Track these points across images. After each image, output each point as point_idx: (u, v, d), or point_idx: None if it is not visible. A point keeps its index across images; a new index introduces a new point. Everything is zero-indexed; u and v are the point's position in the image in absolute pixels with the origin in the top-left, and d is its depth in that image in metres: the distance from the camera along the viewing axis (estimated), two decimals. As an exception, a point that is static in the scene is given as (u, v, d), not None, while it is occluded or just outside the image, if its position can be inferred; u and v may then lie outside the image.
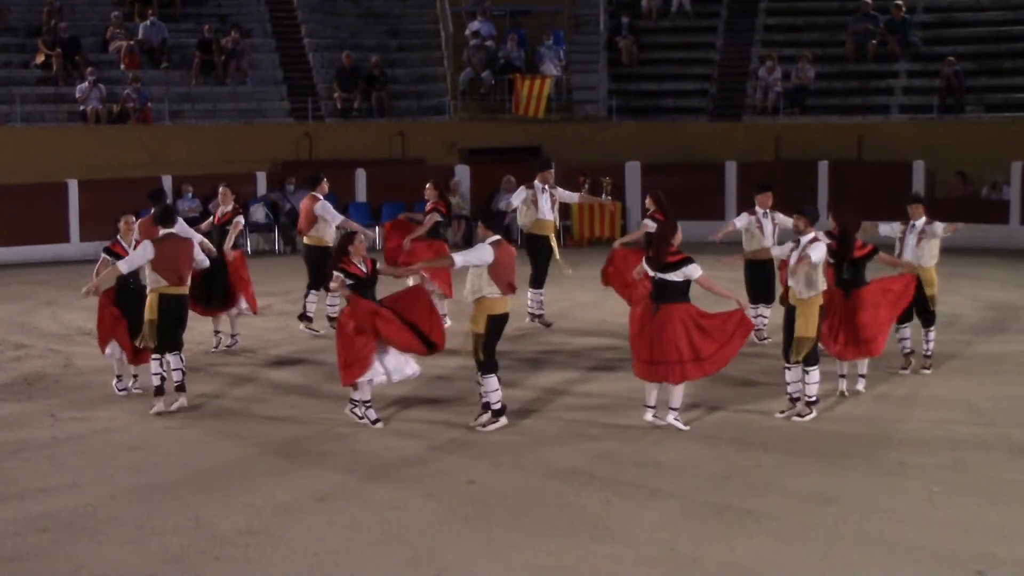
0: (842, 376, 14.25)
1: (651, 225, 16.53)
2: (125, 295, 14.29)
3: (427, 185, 18.59)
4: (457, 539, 9.95)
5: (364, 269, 13.11)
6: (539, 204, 18.21)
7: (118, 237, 14.57)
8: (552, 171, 18.72)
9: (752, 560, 9.44)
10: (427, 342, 13.00)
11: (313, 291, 17.84)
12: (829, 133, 29.54)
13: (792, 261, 13.18)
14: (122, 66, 30.11)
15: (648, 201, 17.37)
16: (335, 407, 13.62)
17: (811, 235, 13.24)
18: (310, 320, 17.95)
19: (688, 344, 12.62)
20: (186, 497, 10.99)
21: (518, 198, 18.32)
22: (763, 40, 32.66)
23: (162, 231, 13.89)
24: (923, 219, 15.21)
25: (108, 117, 28.77)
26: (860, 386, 14.32)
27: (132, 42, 30.47)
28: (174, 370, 13.87)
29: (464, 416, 13.41)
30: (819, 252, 13.08)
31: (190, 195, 27.00)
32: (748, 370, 15.42)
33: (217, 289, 16.60)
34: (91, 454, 12.38)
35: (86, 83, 28.72)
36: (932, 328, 15.40)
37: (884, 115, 30.56)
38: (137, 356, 14.33)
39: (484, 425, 13.04)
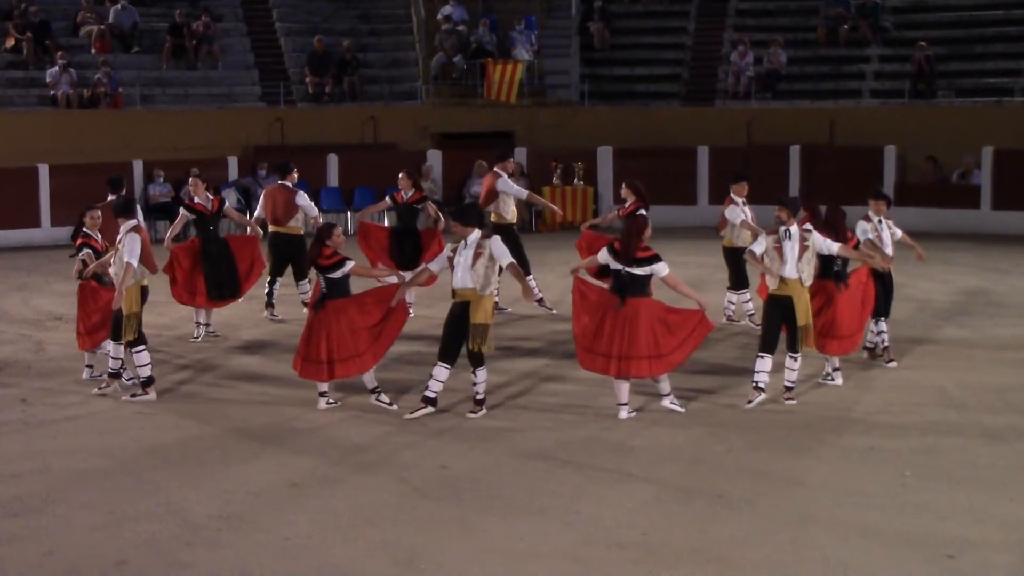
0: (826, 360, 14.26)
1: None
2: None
3: (400, 175, 18.25)
4: (429, 523, 9.95)
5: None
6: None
7: (85, 231, 14.44)
8: (511, 160, 18.52)
9: (724, 544, 9.47)
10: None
11: (302, 281, 17.56)
12: (801, 118, 29.55)
13: (793, 250, 12.98)
14: (93, 50, 29.93)
15: (624, 191, 16.68)
16: (305, 392, 13.58)
17: (794, 225, 13.13)
18: (306, 303, 17.74)
19: (653, 339, 12.48)
20: (158, 482, 10.96)
21: (521, 193, 17.87)
22: (735, 25, 32.69)
23: (127, 222, 13.55)
24: (883, 217, 14.87)
25: (79, 102, 28.57)
26: (838, 380, 14.08)
27: (103, 26, 30.27)
28: (143, 365, 13.71)
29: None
30: (822, 237, 13.17)
31: (161, 180, 26.89)
32: (721, 356, 15.46)
33: (227, 279, 16.47)
34: (62, 439, 12.32)
35: (56, 67, 28.54)
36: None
37: (856, 100, 30.61)
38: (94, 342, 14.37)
39: (474, 412, 12.93)
